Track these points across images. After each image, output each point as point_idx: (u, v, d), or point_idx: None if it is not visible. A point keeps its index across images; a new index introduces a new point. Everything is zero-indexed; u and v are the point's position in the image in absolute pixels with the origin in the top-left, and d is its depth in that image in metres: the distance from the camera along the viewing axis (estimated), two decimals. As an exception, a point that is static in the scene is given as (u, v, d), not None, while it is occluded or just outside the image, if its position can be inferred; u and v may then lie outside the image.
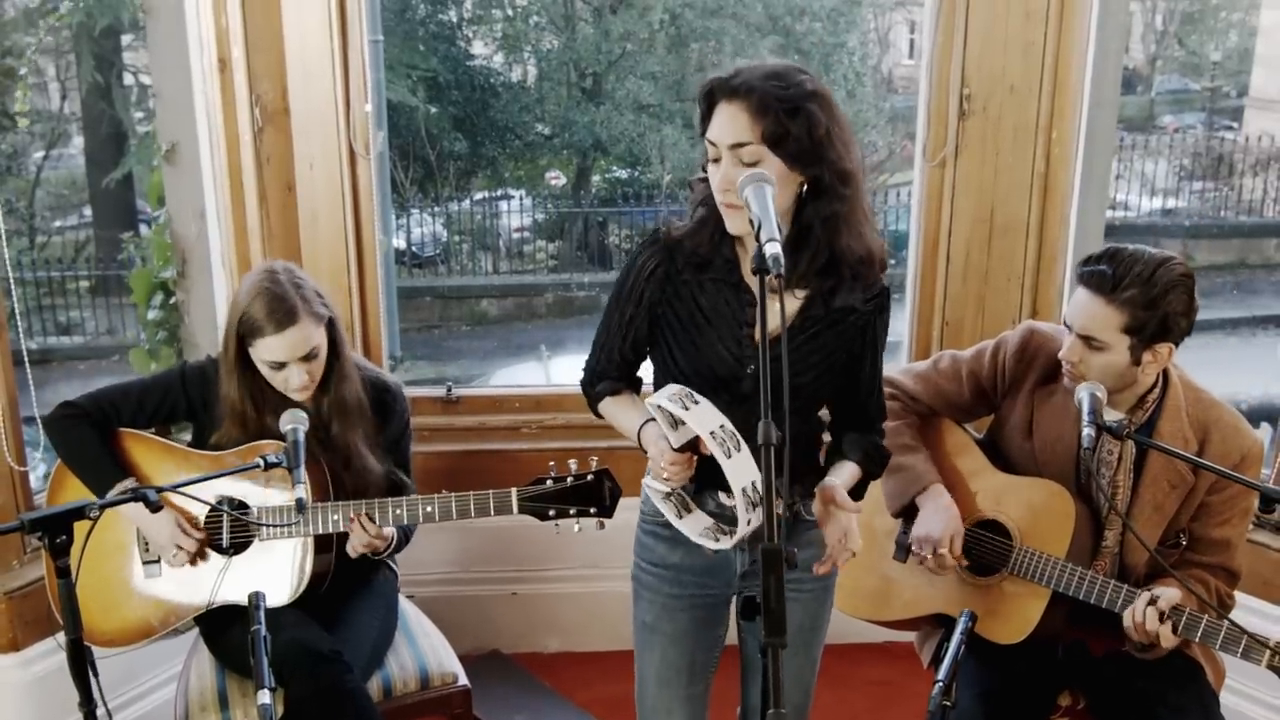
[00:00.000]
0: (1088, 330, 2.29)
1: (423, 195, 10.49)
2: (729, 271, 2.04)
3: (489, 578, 3.58)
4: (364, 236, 3.34)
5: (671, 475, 1.97)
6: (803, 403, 2.09)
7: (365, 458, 2.58)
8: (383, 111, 8.85)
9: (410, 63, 10.25)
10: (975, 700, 2.36)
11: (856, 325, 2.09)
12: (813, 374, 2.08)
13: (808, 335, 2.07)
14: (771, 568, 1.52)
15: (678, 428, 2.02)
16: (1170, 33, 14.12)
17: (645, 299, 2.09)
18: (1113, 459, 2.41)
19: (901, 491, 2.53)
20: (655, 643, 2.22)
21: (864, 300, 2.07)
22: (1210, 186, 10.78)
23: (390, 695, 2.62)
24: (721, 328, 2.05)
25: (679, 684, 2.21)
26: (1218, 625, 2.20)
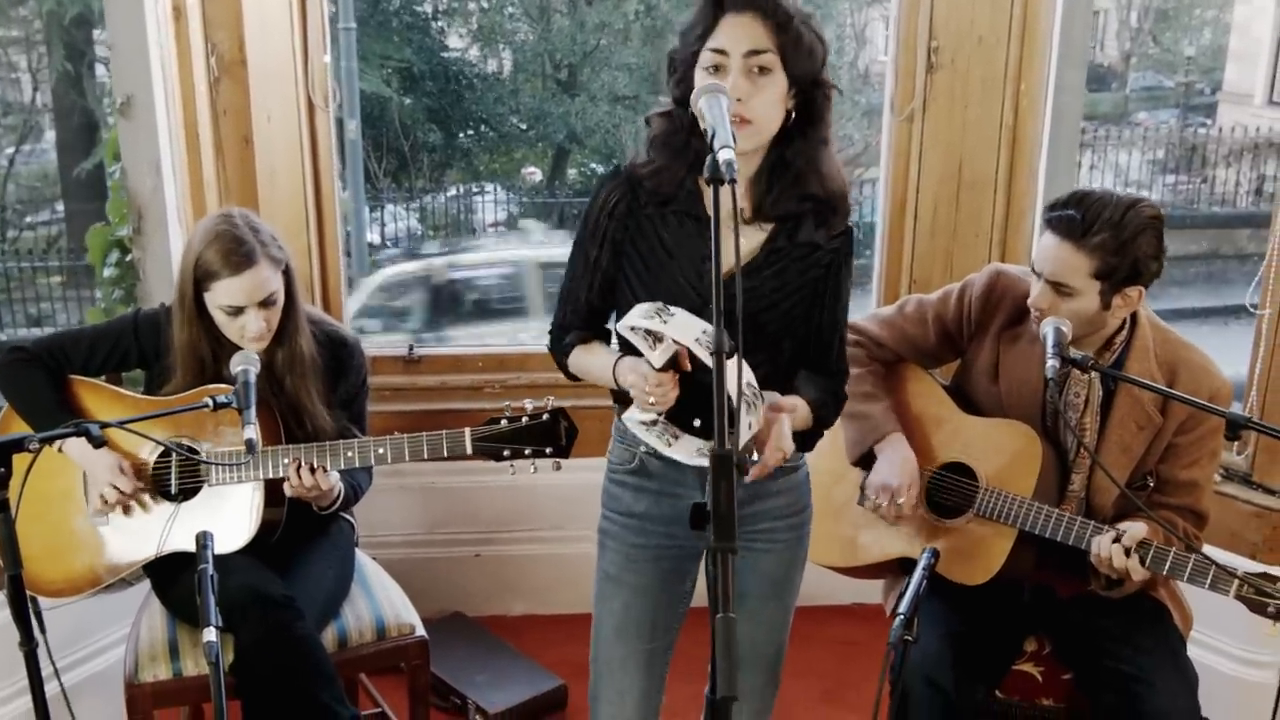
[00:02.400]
0: (1057, 276, 2.26)
1: (396, 186, 10.42)
2: (692, 204, 1.99)
3: (453, 540, 3.53)
4: (323, 191, 3.29)
5: (658, 397, 1.89)
6: (767, 340, 2.04)
7: (318, 415, 2.52)
8: (355, 100, 8.76)
9: (384, 53, 10.19)
10: (940, 641, 2.33)
11: (821, 264, 2.04)
12: (778, 311, 2.03)
13: (772, 270, 2.02)
14: (722, 474, 1.47)
15: (655, 346, 1.95)
16: (1145, 30, 14.19)
17: (609, 237, 2.04)
18: (1079, 401, 2.38)
19: (860, 439, 2.49)
20: (617, 593, 2.15)
21: (828, 239, 2.03)
22: (1183, 180, 10.83)
23: (345, 646, 2.56)
24: (683, 261, 2.00)
25: (639, 637, 2.14)
26: (1185, 557, 2.18)
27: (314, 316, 2.62)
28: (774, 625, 2.20)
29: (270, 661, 2.31)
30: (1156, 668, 2.27)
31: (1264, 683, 3.01)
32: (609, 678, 2.15)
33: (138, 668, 2.45)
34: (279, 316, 2.44)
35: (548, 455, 2.36)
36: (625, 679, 2.14)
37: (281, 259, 2.43)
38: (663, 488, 2.08)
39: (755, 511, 2.13)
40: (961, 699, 2.27)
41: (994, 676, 2.42)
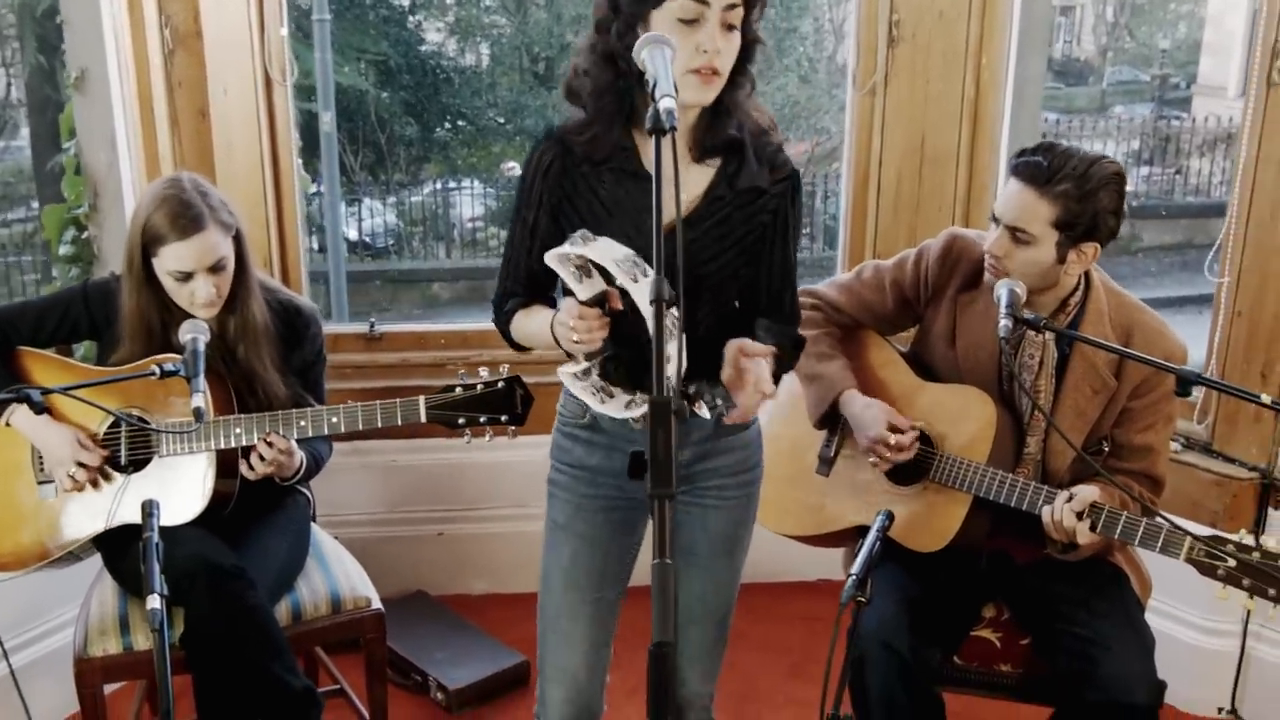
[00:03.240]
0: (1018, 222, 2.25)
1: (373, 180, 10.37)
2: (627, 160, 1.97)
3: (414, 518, 3.50)
4: (281, 166, 3.26)
5: (582, 334, 1.85)
6: (714, 293, 2.02)
7: (272, 382, 2.49)
8: (330, 93, 8.70)
9: (360, 46, 10.14)
10: (896, 606, 2.32)
11: (767, 209, 2.02)
12: (722, 260, 2.01)
13: (715, 220, 2.00)
14: (660, 421, 1.45)
15: (583, 281, 1.92)
16: (1121, 24, 14.27)
17: (545, 198, 2.01)
18: (1034, 364, 2.37)
19: (820, 399, 2.48)
20: (565, 541, 2.14)
21: (772, 182, 2.01)
22: (1158, 172, 10.88)
23: (300, 619, 2.54)
24: (623, 218, 1.97)
25: (587, 587, 2.12)
26: (1136, 521, 2.17)
27: (268, 285, 2.59)
28: (723, 583, 2.19)
29: (220, 632, 2.28)
30: (1113, 631, 2.26)
31: (1224, 651, 3.03)
32: (556, 628, 2.14)
33: (87, 642, 2.42)
34: (229, 283, 2.41)
35: (503, 424, 2.34)
36: (573, 628, 2.12)
37: (232, 224, 2.40)
38: (613, 442, 2.06)
39: (705, 469, 2.12)
40: (918, 663, 2.26)
41: (951, 642, 2.41)
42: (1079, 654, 2.25)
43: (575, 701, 2.15)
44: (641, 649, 1.37)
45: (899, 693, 2.27)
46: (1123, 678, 2.19)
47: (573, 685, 2.14)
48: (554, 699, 2.16)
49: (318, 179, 9.04)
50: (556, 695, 2.16)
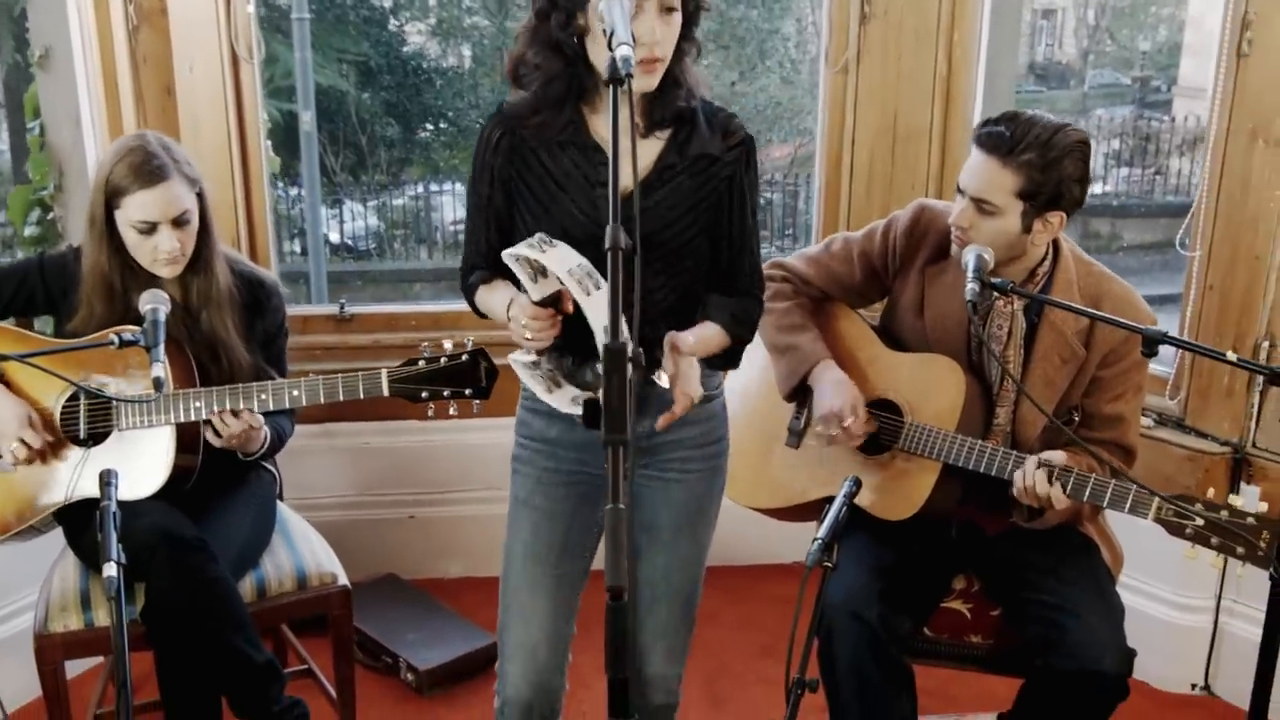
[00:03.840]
0: (981, 193, 2.24)
1: (354, 180, 10.32)
2: (576, 133, 1.96)
3: (386, 501, 3.47)
4: (249, 146, 3.23)
5: (533, 331, 1.87)
6: (668, 262, 2.00)
7: (235, 349, 2.46)
8: (310, 92, 8.66)
9: (341, 46, 10.10)
10: (866, 576, 2.30)
11: (721, 176, 2.01)
12: (678, 228, 1.99)
13: (668, 188, 1.98)
14: (614, 367, 1.43)
15: (538, 280, 1.92)
16: (1102, 27, 14.31)
17: (496, 174, 2.00)
18: (1002, 334, 2.36)
19: (791, 371, 2.46)
20: (527, 517, 2.12)
21: (724, 149, 2.00)
22: (1137, 174, 10.91)
23: (265, 595, 2.51)
24: (574, 191, 1.96)
25: (549, 560, 2.10)
26: (1104, 483, 2.16)
27: (232, 256, 2.56)
28: (688, 558, 2.16)
29: (181, 605, 2.25)
30: (1082, 599, 2.25)
31: (1197, 627, 3.02)
32: (517, 602, 2.11)
33: (48, 618, 2.38)
34: (193, 241, 2.38)
35: (467, 396, 2.31)
36: (533, 603, 2.09)
37: (196, 179, 2.38)
38: (574, 416, 2.04)
39: (669, 441, 2.10)
40: (887, 633, 2.24)
41: (921, 613, 2.40)
42: (1048, 621, 2.24)
43: (535, 678, 2.12)
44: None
45: (868, 663, 2.25)
46: (1091, 645, 2.18)
47: (532, 661, 2.12)
48: (513, 675, 2.13)
49: (298, 180, 9.01)
50: (516, 671, 2.13)
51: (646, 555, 2.16)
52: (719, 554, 3.42)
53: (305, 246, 8.91)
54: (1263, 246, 2.79)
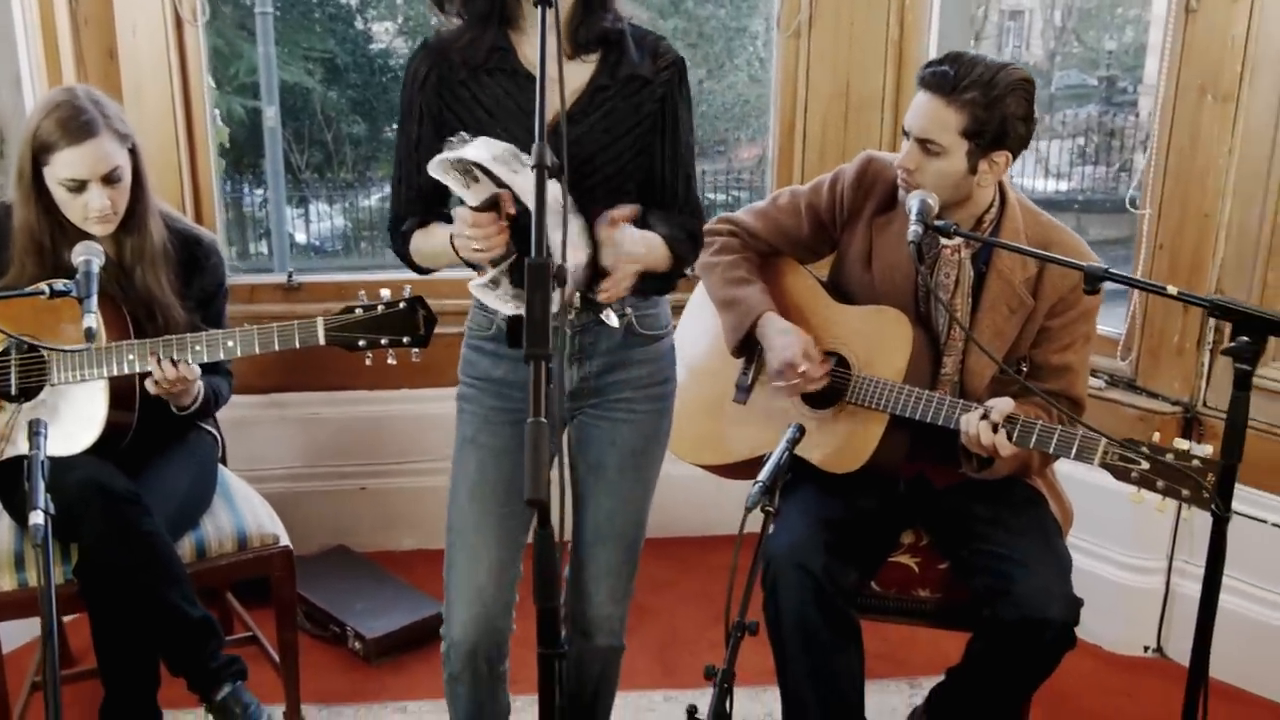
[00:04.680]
0: (926, 133, 2.22)
1: (320, 178, 10.25)
2: (504, 59, 1.93)
3: (336, 472, 3.42)
4: (194, 112, 3.18)
5: (481, 241, 1.80)
6: (608, 189, 1.97)
7: (170, 307, 2.41)
8: (274, 87, 8.61)
9: (307, 44, 10.03)
10: (812, 526, 2.28)
11: (653, 99, 1.98)
12: (613, 152, 1.97)
13: (601, 112, 1.95)
14: (537, 283, 1.41)
15: (471, 186, 1.87)
16: (1068, 29, 14.42)
17: (426, 111, 1.97)
18: (949, 282, 2.34)
19: (737, 325, 2.43)
20: (473, 454, 2.08)
21: (655, 71, 1.97)
22: (1101, 172, 10.97)
23: (204, 556, 2.46)
24: (506, 119, 1.93)
25: (494, 500, 2.06)
26: (1050, 429, 2.14)
27: (168, 213, 2.51)
28: (633, 500, 2.14)
29: (113, 559, 2.21)
30: (1029, 549, 2.23)
31: (1149, 589, 3.01)
32: (462, 542, 2.07)
33: (-20, 579, 2.33)
34: (125, 199, 2.33)
35: (405, 345, 2.27)
36: (479, 543, 2.05)
37: (127, 135, 2.33)
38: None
39: (614, 381, 2.07)
40: (831, 584, 2.22)
41: (869, 567, 2.38)
42: (994, 572, 2.22)
43: (481, 620, 2.08)
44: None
45: (813, 614, 2.23)
46: (1038, 594, 2.16)
47: (479, 603, 2.08)
48: (459, 617, 2.09)
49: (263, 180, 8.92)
50: (462, 614, 2.09)
51: (591, 496, 2.13)
52: (674, 525, 3.45)
53: (271, 247, 8.83)
54: (1211, 204, 2.79)
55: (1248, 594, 2.88)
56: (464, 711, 2.17)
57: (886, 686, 2.90)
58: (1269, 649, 2.86)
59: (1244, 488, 2.83)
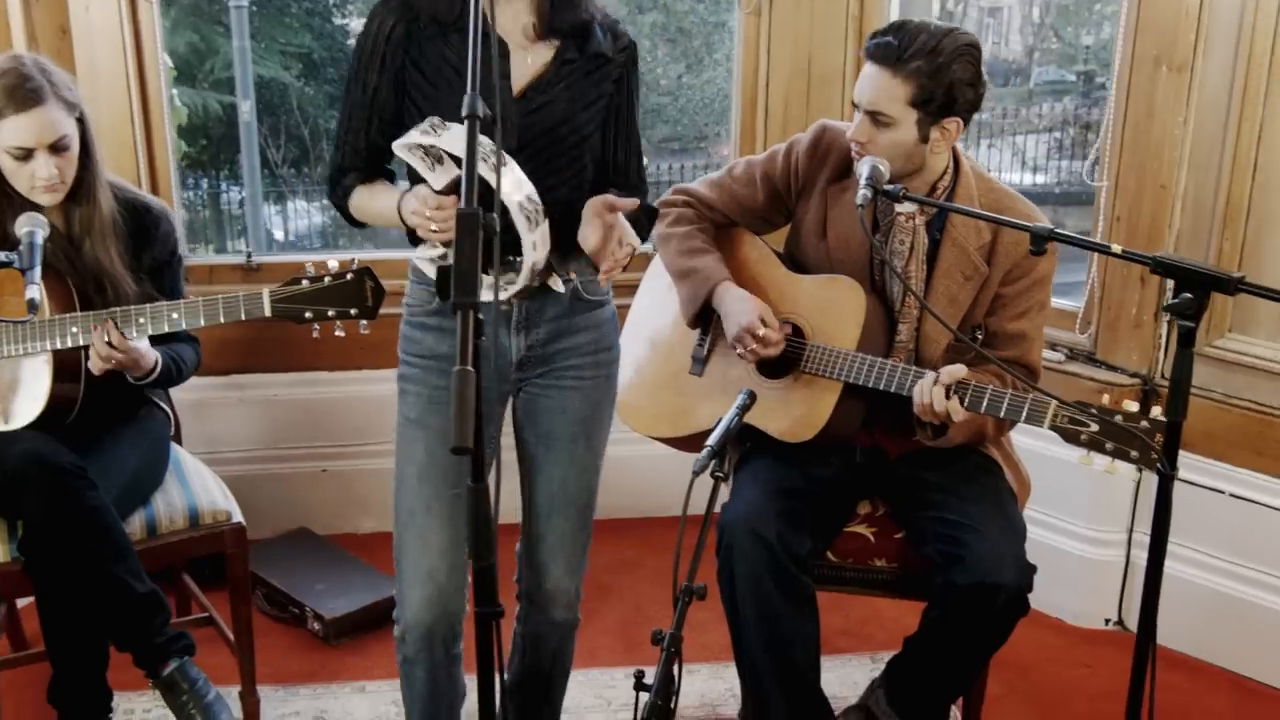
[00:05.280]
0: (875, 105, 2.21)
1: (297, 173, 10.19)
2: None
3: (296, 454, 3.40)
4: (149, 87, 3.14)
5: (440, 223, 1.80)
6: (569, 160, 1.98)
7: (120, 280, 2.37)
8: (249, 81, 8.56)
9: (284, 39, 9.98)
10: (766, 495, 2.27)
11: (611, 78, 2.01)
12: (575, 123, 1.97)
13: (565, 84, 1.96)
14: (466, 231, 1.39)
15: (435, 168, 1.86)
16: (1047, 24, 14.46)
17: (388, 64, 1.94)
18: (904, 249, 2.33)
19: (693, 295, 2.42)
20: (419, 437, 2.05)
21: (615, 50, 2.00)
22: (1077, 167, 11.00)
23: (155, 533, 2.44)
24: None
25: (444, 482, 2.03)
26: (1001, 393, 2.13)
27: (117, 183, 2.48)
28: (583, 467, 2.13)
29: (57, 533, 2.17)
30: (982, 516, 2.23)
31: (1110, 561, 3.01)
32: (413, 525, 2.05)
33: (-74, 556, 2.30)
34: (74, 168, 2.30)
35: (353, 317, 2.24)
36: (430, 525, 2.03)
37: (74, 103, 2.30)
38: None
39: (561, 349, 2.06)
40: (785, 551, 2.20)
41: (825, 536, 2.36)
42: (948, 538, 2.21)
43: (435, 602, 2.06)
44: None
45: (767, 582, 2.21)
46: (990, 558, 2.15)
47: (432, 585, 2.05)
48: (413, 600, 2.06)
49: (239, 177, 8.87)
50: (416, 596, 2.06)
51: (543, 466, 2.12)
52: (638, 506, 3.43)
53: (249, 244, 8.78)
54: (1168, 175, 2.79)
55: (1206, 565, 2.89)
56: (419, 694, 2.15)
57: (849, 661, 2.90)
58: (1228, 621, 2.86)
59: (1203, 459, 2.84)
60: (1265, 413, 2.74)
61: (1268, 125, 2.63)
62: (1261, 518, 2.78)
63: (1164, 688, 2.77)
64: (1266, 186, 2.66)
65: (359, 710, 2.71)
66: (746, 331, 2.30)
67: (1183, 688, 2.84)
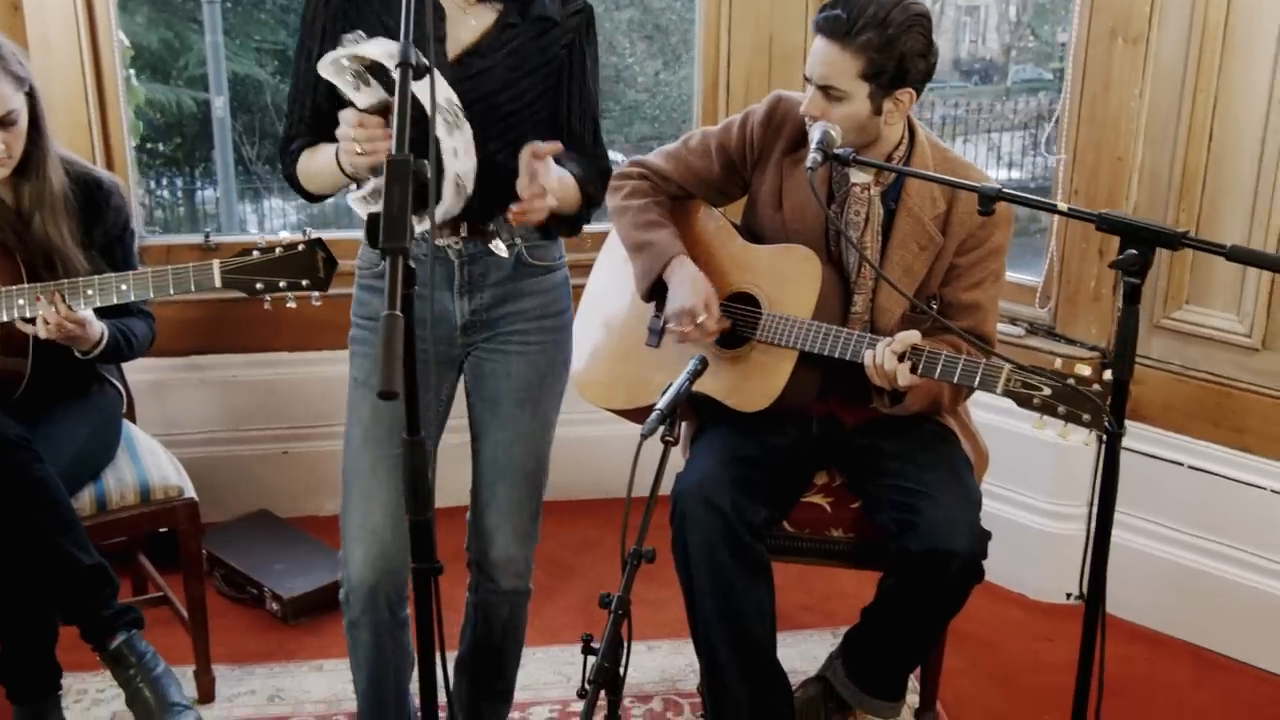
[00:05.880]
0: (827, 79, 2.20)
1: (271, 170, 10.13)
2: None
3: (257, 436, 3.37)
4: (103, 64, 3.11)
5: (364, 143, 1.77)
6: (510, 126, 1.96)
7: (71, 256, 2.34)
8: (222, 76, 8.50)
9: (258, 35, 9.93)
10: (721, 463, 2.27)
11: (560, 42, 1.98)
12: (516, 90, 1.95)
13: (507, 49, 1.94)
14: (396, 176, 1.38)
15: (361, 89, 1.84)
16: (1023, 23, 14.53)
17: (329, 31, 1.93)
18: (859, 220, 2.33)
19: (648, 269, 2.40)
20: (366, 398, 2.05)
21: (565, 14, 1.98)
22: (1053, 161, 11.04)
23: (105, 508, 2.42)
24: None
25: (389, 443, 2.02)
26: (954, 359, 2.12)
27: (68, 157, 2.45)
28: (532, 434, 2.11)
29: (3, 504, 2.14)
30: (936, 483, 2.22)
31: (1071, 535, 3.01)
32: (358, 486, 2.04)
33: None
34: (21, 142, 2.27)
35: (305, 289, 2.22)
36: (375, 485, 2.02)
37: (24, 78, 2.27)
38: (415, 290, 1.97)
39: (507, 313, 2.05)
40: (739, 520, 2.19)
41: (781, 506, 2.35)
42: (903, 506, 2.21)
43: (379, 561, 2.05)
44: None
45: (721, 550, 2.20)
46: (944, 525, 2.15)
47: (376, 544, 2.04)
48: (357, 559, 2.06)
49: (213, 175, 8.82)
50: (359, 555, 2.06)
51: (489, 432, 2.11)
52: (601, 486, 3.41)
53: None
54: (1124, 147, 2.79)
55: (1166, 538, 2.90)
56: (366, 658, 2.13)
57: (810, 636, 2.89)
58: (1188, 593, 2.87)
59: (1161, 432, 2.85)
60: (1222, 384, 2.75)
61: (1222, 96, 2.63)
62: (1219, 489, 2.78)
63: (1125, 660, 2.80)
64: (1221, 157, 2.67)
65: (315, 688, 2.69)
66: (686, 313, 2.28)
67: (1143, 660, 2.84)
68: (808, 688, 2.49)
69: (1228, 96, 2.63)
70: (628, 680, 2.70)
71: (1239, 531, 2.78)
